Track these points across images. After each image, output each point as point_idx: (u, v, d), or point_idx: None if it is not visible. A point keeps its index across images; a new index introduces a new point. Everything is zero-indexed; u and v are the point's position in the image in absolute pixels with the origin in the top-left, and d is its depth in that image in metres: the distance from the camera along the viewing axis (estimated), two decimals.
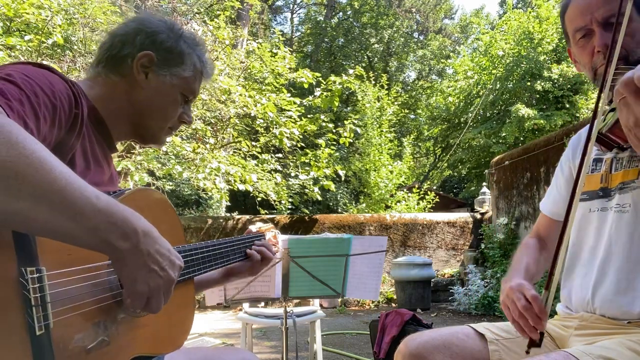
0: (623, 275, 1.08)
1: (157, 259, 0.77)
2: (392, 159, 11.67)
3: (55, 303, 0.71)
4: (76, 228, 0.68)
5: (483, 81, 13.50)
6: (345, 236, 1.98)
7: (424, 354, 1.18)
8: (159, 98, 1.07)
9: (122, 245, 0.72)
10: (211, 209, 12.48)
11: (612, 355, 0.96)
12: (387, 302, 6.98)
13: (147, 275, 0.76)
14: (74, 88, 0.90)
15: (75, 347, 0.75)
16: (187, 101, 1.14)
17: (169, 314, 1.00)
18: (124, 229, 0.72)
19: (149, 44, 1.05)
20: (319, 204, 12.47)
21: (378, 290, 2.13)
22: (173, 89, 1.08)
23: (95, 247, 0.71)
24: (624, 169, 1.12)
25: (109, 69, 1.04)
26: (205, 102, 6.41)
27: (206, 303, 2.15)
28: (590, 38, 1.10)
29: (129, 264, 0.74)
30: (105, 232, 0.70)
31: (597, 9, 1.07)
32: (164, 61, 1.06)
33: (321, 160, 6.91)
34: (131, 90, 1.05)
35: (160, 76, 1.06)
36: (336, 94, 6.79)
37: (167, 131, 1.15)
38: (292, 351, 3.17)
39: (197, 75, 1.12)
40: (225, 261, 1.23)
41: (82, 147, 0.94)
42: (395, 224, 7.71)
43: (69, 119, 0.87)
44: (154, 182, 6.28)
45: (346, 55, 21.82)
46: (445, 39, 23.70)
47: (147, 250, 0.75)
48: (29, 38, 4.54)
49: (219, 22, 6.71)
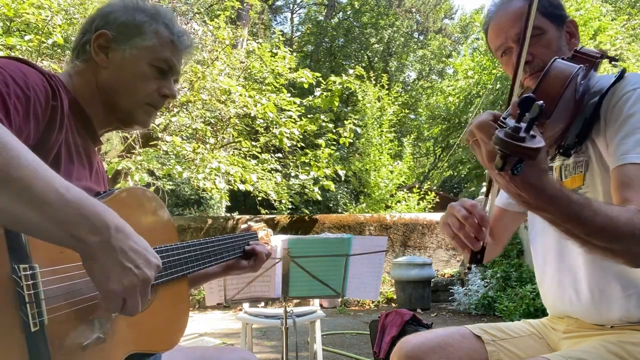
0: (594, 284, 1.09)
1: (132, 256, 0.73)
2: (392, 159, 11.66)
3: (49, 300, 0.71)
4: (42, 220, 0.65)
5: (483, 81, 13.50)
6: (345, 236, 1.98)
7: (420, 355, 1.19)
8: (124, 74, 1.04)
9: (91, 240, 0.69)
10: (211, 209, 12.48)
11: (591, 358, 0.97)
12: (387, 302, 6.98)
13: (120, 273, 0.72)
14: (52, 80, 0.89)
15: (70, 343, 0.75)
16: (163, 73, 1.08)
17: (163, 311, 1.01)
18: (94, 223, 0.69)
19: (103, 24, 1.04)
20: (319, 204, 12.46)
21: (378, 290, 2.13)
22: (137, 61, 1.04)
23: (63, 241, 0.69)
24: (571, 175, 1.12)
25: (76, 58, 1.05)
26: (205, 102, 6.41)
27: (206, 303, 2.15)
28: (510, 54, 1.16)
29: (101, 261, 0.70)
30: (74, 225, 0.67)
31: (509, 27, 1.14)
32: (121, 36, 1.03)
33: (321, 160, 6.91)
34: (96, 73, 1.03)
35: (120, 52, 1.03)
36: (336, 94, 6.79)
37: (147, 109, 1.09)
38: (292, 351, 3.17)
39: (166, 44, 1.07)
40: (219, 259, 1.23)
41: (66, 142, 0.93)
42: (396, 224, 7.70)
43: (45, 111, 0.85)
44: (154, 182, 6.28)
45: (346, 55, 21.81)
46: (445, 39, 23.69)
47: (119, 246, 0.72)
48: (29, 38, 4.54)
49: (219, 22, 6.71)
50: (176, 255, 1.04)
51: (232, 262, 1.34)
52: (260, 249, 1.39)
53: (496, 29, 1.18)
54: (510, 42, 1.15)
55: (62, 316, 0.73)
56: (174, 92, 1.11)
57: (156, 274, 0.79)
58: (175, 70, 1.11)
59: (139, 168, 5.31)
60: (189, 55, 1.15)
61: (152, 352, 0.99)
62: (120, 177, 5.81)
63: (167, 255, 1.00)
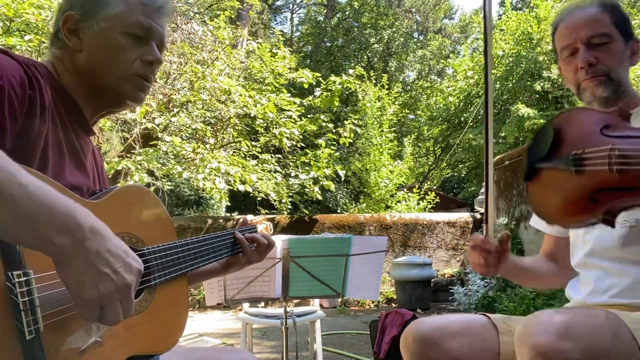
0: None
1: (109, 259, 0.67)
2: (392, 159, 11.66)
3: (44, 306, 0.68)
4: (6, 218, 0.60)
5: (483, 81, 13.46)
6: (345, 236, 1.98)
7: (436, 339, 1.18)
8: (99, 52, 0.97)
9: (62, 242, 0.63)
10: (211, 209, 12.49)
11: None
12: (387, 302, 6.98)
13: (96, 278, 0.65)
14: (30, 69, 0.84)
15: (67, 349, 0.74)
16: (141, 39, 0.99)
17: (162, 311, 0.99)
18: (65, 223, 0.64)
19: (67, 7, 0.98)
20: (319, 204, 12.47)
21: (378, 290, 2.13)
22: (108, 34, 0.96)
23: (30, 243, 0.63)
24: None
25: (52, 47, 1.01)
26: (205, 102, 6.41)
27: (206, 303, 2.14)
28: (575, 56, 1.20)
29: (73, 265, 0.64)
30: (41, 225, 0.62)
31: (581, 29, 1.18)
32: (87, 12, 0.97)
33: (321, 160, 6.91)
34: (73, 59, 0.98)
35: (88, 29, 0.96)
36: (336, 94, 6.79)
37: (134, 80, 1.00)
38: (292, 351, 3.17)
39: (136, 7, 0.98)
40: (218, 255, 1.19)
41: (54, 136, 0.88)
42: (396, 224, 7.70)
43: (23, 101, 0.80)
44: (154, 182, 6.27)
45: (346, 55, 21.82)
46: (445, 39, 23.69)
47: (95, 249, 0.66)
48: (29, 38, 4.54)
49: (219, 22, 6.71)
50: (174, 253, 1.01)
51: (232, 259, 1.28)
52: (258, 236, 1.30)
53: (568, 28, 1.22)
54: (578, 44, 1.19)
55: (58, 322, 0.71)
56: (158, 57, 1.02)
57: (138, 279, 0.73)
58: (155, 33, 1.01)
59: (138, 168, 5.31)
60: (168, 15, 1.05)
61: (152, 354, 0.96)
62: (120, 177, 5.81)
63: (165, 254, 0.98)
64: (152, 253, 0.95)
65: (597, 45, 1.17)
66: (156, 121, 5.80)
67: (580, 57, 1.18)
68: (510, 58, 12.47)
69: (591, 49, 1.17)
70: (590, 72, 1.16)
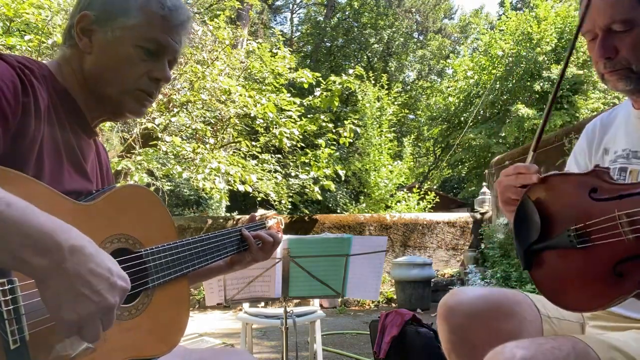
0: None
1: (89, 280, 0.64)
2: (392, 159, 11.66)
3: (30, 314, 0.66)
4: None
5: (483, 81, 13.50)
6: (345, 236, 1.98)
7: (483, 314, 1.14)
8: (107, 59, 0.93)
9: (39, 263, 0.60)
10: (211, 209, 12.49)
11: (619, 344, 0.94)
12: (387, 302, 6.98)
13: (74, 300, 0.63)
14: (25, 74, 0.82)
15: (56, 357, 0.72)
16: (153, 54, 0.96)
17: (163, 312, 0.97)
18: (42, 243, 0.61)
19: (85, 5, 0.94)
20: (319, 204, 12.46)
21: (378, 290, 2.13)
22: (120, 44, 0.93)
23: (7, 264, 0.61)
24: None
25: (63, 44, 0.97)
26: (205, 102, 6.41)
27: (206, 303, 2.14)
28: (595, 42, 1.09)
29: (52, 287, 0.62)
30: (16, 246, 0.60)
31: (599, 15, 1.05)
32: (104, 16, 0.93)
33: (321, 160, 6.91)
34: (81, 59, 0.95)
35: (102, 34, 0.93)
36: (336, 94, 6.79)
37: (137, 95, 0.97)
38: (292, 351, 3.17)
39: (155, 21, 0.94)
40: (224, 253, 1.15)
41: (52, 139, 0.86)
42: (396, 224, 7.71)
43: (15, 112, 0.78)
44: (154, 182, 6.27)
45: (346, 55, 21.82)
46: (445, 39, 23.69)
47: (75, 270, 0.63)
48: (29, 38, 4.54)
49: (219, 22, 6.71)
50: (174, 254, 0.99)
51: (237, 257, 1.25)
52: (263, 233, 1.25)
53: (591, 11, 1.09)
54: (597, 30, 1.07)
55: (45, 330, 0.69)
56: (167, 75, 0.99)
57: (122, 298, 0.70)
58: (170, 49, 0.98)
59: (138, 168, 5.31)
60: (187, 32, 1.01)
61: (151, 357, 0.94)
62: (120, 177, 5.81)
63: (164, 254, 0.96)
64: (149, 255, 0.93)
65: (618, 32, 1.04)
66: (156, 121, 5.80)
67: (597, 49, 1.06)
68: (510, 58, 12.48)
69: (611, 37, 1.04)
70: (609, 66, 1.06)
